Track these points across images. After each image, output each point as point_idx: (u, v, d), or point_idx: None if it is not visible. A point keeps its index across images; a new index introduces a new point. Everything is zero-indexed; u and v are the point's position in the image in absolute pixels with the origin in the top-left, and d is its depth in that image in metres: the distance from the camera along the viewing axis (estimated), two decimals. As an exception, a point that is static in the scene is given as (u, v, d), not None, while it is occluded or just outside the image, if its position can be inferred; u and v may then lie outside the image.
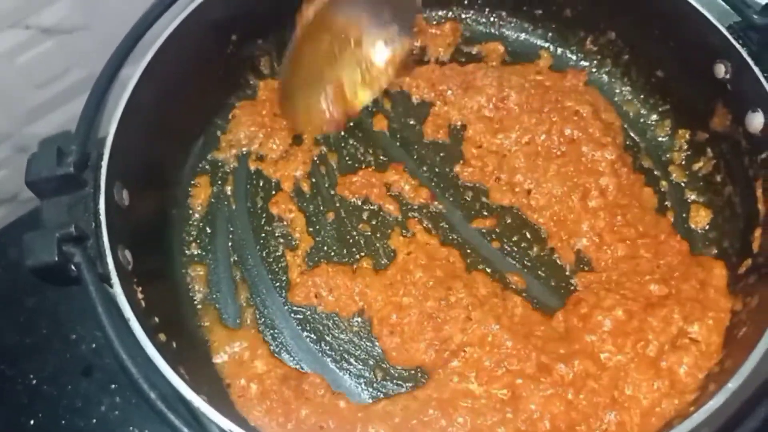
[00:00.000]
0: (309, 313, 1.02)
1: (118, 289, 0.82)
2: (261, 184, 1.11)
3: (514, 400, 0.91)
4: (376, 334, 0.98)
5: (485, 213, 1.08)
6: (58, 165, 0.86)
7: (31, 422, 1.13)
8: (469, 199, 1.09)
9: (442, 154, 1.13)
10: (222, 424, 0.77)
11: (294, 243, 1.06)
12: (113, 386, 1.15)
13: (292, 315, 1.01)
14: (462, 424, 0.90)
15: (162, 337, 0.86)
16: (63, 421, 1.13)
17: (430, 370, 0.95)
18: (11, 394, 1.16)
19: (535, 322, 0.97)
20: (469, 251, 1.05)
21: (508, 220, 1.07)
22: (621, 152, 1.09)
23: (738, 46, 0.96)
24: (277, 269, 1.04)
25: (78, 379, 1.16)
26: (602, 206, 1.04)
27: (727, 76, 0.99)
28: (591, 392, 0.91)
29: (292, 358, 0.99)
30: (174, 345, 0.89)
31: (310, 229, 1.07)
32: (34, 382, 1.16)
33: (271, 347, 0.99)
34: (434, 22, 1.23)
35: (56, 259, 0.81)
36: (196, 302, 1.02)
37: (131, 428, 1.12)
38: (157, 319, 0.89)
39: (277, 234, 1.07)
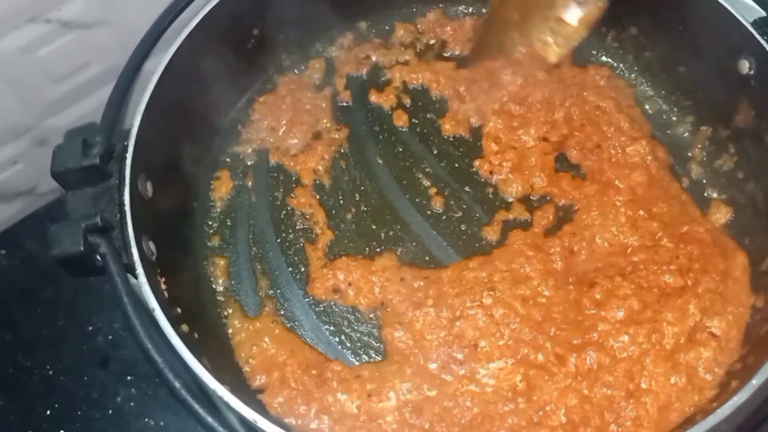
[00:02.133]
0: (329, 306, 1.02)
1: (142, 279, 0.82)
2: (281, 177, 1.11)
3: (528, 391, 0.91)
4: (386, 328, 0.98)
5: (504, 207, 1.08)
6: (84, 156, 0.86)
7: (48, 412, 1.14)
8: (490, 195, 1.09)
9: (462, 150, 1.13)
10: (245, 414, 0.77)
11: (314, 236, 1.06)
12: (129, 377, 1.16)
13: (312, 308, 1.02)
14: (469, 408, 0.90)
15: (184, 327, 0.87)
16: (79, 412, 1.14)
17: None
18: (28, 384, 1.16)
19: (553, 304, 0.97)
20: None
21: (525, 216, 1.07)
22: (652, 143, 1.09)
23: (763, 42, 0.95)
24: (297, 262, 1.05)
25: (94, 370, 1.17)
26: (628, 201, 1.04)
27: (751, 72, 0.98)
28: (605, 385, 0.91)
29: (311, 351, 0.98)
30: (196, 336, 0.89)
31: (331, 223, 1.07)
32: (51, 372, 1.17)
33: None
34: (453, 17, 1.23)
35: (82, 249, 0.81)
36: (217, 294, 1.02)
37: (147, 419, 1.13)
38: (179, 310, 0.89)
39: (297, 227, 1.07)
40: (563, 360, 0.92)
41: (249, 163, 1.12)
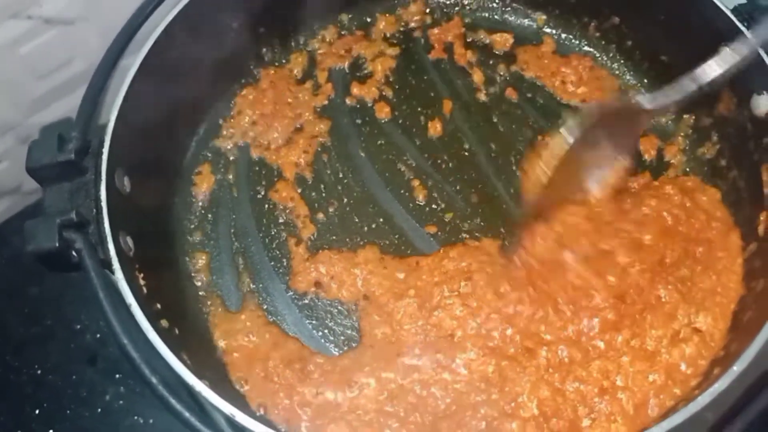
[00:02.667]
0: (311, 299, 1.01)
1: (119, 275, 0.82)
2: (263, 172, 1.11)
3: (501, 381, 0.90)
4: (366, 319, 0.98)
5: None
6: (59, 151, 0.85)
7: (36, 411, 1.14)
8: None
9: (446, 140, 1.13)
10: (224, 409, 0.77)
11: (296, 230, 1.06)
12: (118, 376, 1.15)
13: (295, 302, 1.01)
14: (443, 398, 0.91)
15: (164, 323, 0.86)
16: (68, 411, 1.14)
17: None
18: (16, 383, 1.16)
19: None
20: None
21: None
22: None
23: (743, 29, 0.95)
24: (279, 256, 1.04)
25: (83, 368, 1.17)
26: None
27: (733, 60, 0.98)
28: (578, 379, 0.90)
29: (294, 344, 0.98)
30: (176, 331, 0.89)
31: (313, 217, 1.07)
32: (39, 371, 1.17)
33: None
34: (434, 6, 1.23)
35: (57, 245, 0.81)
36: (198, 289, 1.02)
37: (136, 417, 1.13)
38: (159, 306, 0.88)
39: (279, 221, 1.07)
40: (533, 353, 0.92)
41: (230, 158, 1.12)
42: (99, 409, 1.14)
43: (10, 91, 1.16)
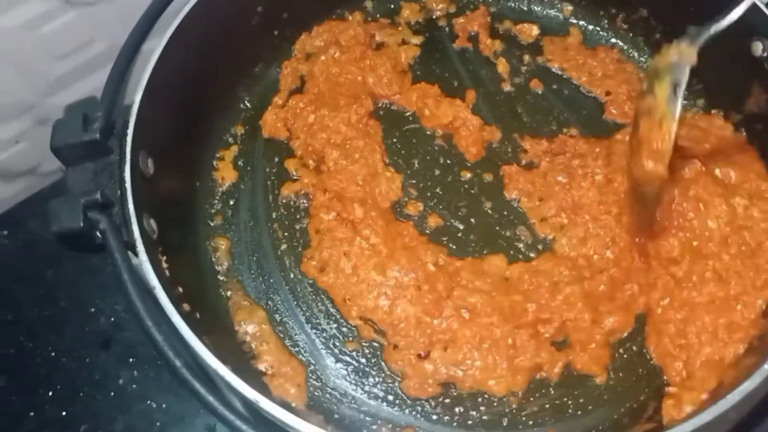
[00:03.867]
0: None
1: (143, 257, 0.81)
2: (285, 157, 1.10)
3: None
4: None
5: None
6: (84, 131, 0.85)
7: (50, 394, 1.13)
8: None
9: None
10: (247, 394, 0.76)
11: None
12: (131, 360, 1.15)
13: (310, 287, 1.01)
14: None
15: (186, 307, 0.85)
16: (81, 394, 1.13)
17: None
18: (30, 366, 1.15)
19: None
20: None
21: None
22: None
23: (779, 23, 0.93)
24: (295, 243, 1.04)
25: (96, 352, 1.16)
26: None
27: (765, 55, 0.96)
28: None
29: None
30: (197, 315, 0.88)
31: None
32: (53, 354, 1.16)
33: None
34: (461, 4, 1.22)
35: (81, 225, 0.80)
36: (219, 274, 1.01)
37: (149, 402, 1.12)
38: (180, 289, 0.88)
39: (300, 207, 1.06)
40: None
41: (254, 143, 1.11)
42: (112, 393, 1.13)
43: (28, 71, 1.15)
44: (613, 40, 1.18)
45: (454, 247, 1.02)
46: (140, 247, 0.82)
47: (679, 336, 0.93)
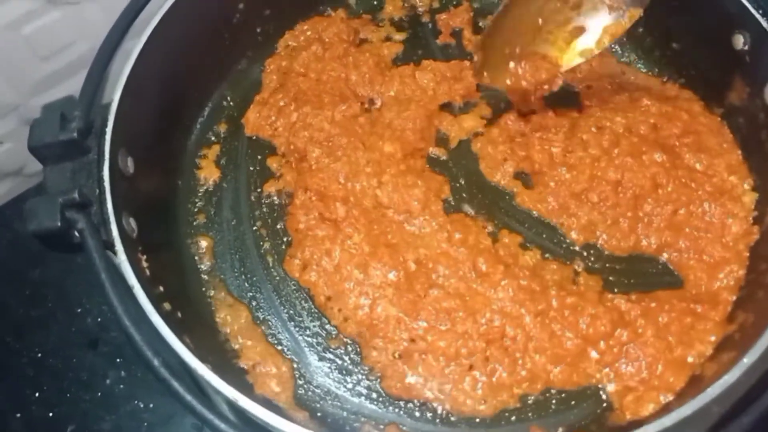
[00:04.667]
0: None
1: (121, 256, 0.81)
2: (266, 155, 1.10)
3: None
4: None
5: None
6: (62, 130, 0.84)
7: (36, 394, 1.13)
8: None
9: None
10: (227, 393, 0.76)
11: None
12: (119, 360, 1.15)
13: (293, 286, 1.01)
14: None
15: (167, 306, 0.86)
16: (68, 394, 1.13)
17: None
18: (16, 366, 1.16)
19: None
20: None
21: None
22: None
23: (758, 16, 0.93)
24: (278, 241, 1.03)
25: (83, 352, 1.16)
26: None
27: (746, 48, 0.96)
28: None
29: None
30: (179, 314, 0.88)
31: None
32: (40, 354, 1.16)
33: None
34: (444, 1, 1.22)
35: (59, 224, 0.80)
36: (201, 273, 1.01)
37: (136, 402, 1.12)
38: (161, 288, 0.88)
39: (275, 204, 1.06)
40: None
41: (235, 142, 1.11)
42: (99, 393, 1.13)
43: (12, 71, 1.15)
44: (596, 36, 1.18)
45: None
46: (119, 246, 0.81)
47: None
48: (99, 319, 1.18)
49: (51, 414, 1.12)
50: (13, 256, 1.25)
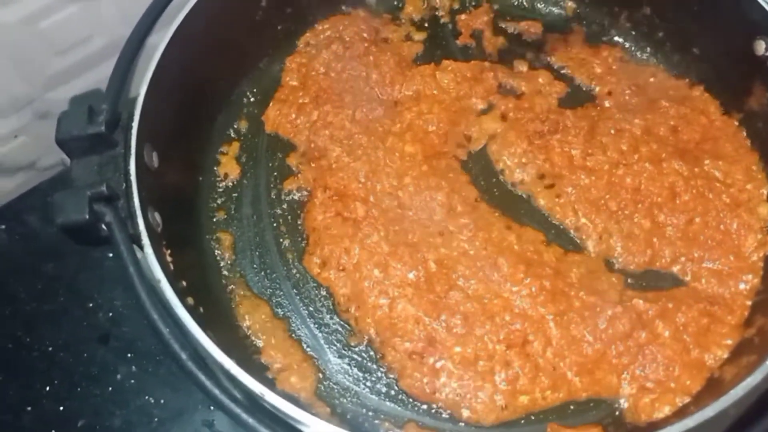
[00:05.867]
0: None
1: (148, 250, 0.81)
2: (287, 152, 1.10)
3: None
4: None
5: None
6: (89, 123, 0.84)
7: (47, 389, 1.13)
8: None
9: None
10: (253, 387, 0.76)
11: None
12: (130, 355, 1.14)
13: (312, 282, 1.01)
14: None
15: (190, 300, 0.85)
16: (78, 389, 1.13)
17: None
18: (28, 360, 1.15)
19: None
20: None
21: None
22: None
23: (781, 22, 0.94)
24: (298, 238, 1.03)
25: (95, 347, 1.16)
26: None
27: (767, 54, 0.97)
28: None
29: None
30: (201, 309, 0.88)
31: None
32: (51, 349, 1.16)
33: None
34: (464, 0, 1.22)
35: (87, 217, 0.80)
36: (222, 269, 1.01)
37: (147, 397, 1.12)
38: (184, 283, 0.88)
39: (297, 200, 1.07)
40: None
41: (256, 138, 1.11)
42: (110, 388, 1.13)
43: (28, 65, 1.15)
44: (616, 39, 1.18)
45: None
46: (146, 240, 0.81)
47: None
48: (110, 314, 1.18)
49: (62, 408, 1.12)
50: (25, 250, 1.25)
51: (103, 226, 0.81)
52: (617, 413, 0.91)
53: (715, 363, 0.91)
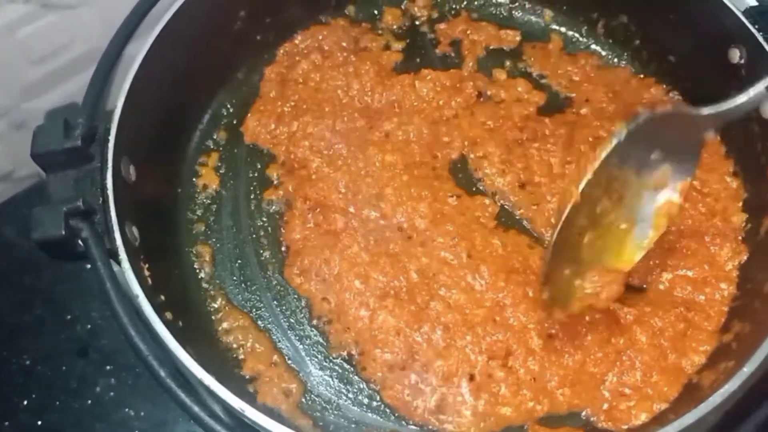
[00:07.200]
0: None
1: (126, 265, 0.80)
2: (266, 163, 1.09)
3: None
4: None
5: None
6: (66, 138, 0.83)
7: (25, 402, 1.12)
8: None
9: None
10: (233, 403, 0.76)
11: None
12: (109, 367, 1.14)
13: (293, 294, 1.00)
14: None
15: (168, 315, 0.85)
16: (57, 402, 1.12)
17: None
18: (5, 373, 1.14)
19: None
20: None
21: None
22: None
23: (754, 31, 0.95)
24: (278, 250, 1.03)
25: (73, 359, 1.15)
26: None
27: (742, 62, 0.98)
28: None
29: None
30: (180, 324, 0.87)
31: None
32: (28, 362, 1.14)
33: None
34: (443, 9, 1.23)
35: (63, 233, 0.79)
36: (202, 281, 1.01)
37: (126, 409, 1.11)
38: (163, 297, 0.87)
39: (274, 211, 1.06)
40: None
41: (235, 149, 1.10)
42: (89, 401, 1.12)
43: (4, 75, 1.14)
44: (594, 47, 1.19)
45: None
46: (123, 255, 0.81)
47: None
48: (89, 326, 1.17)
49: (40, 422, 1.10)
50: (2, 261, 1.23)
51: (80, 242, 0.80)
52: (593, 419, 0.92)
53: (693, 369, 0.92)
